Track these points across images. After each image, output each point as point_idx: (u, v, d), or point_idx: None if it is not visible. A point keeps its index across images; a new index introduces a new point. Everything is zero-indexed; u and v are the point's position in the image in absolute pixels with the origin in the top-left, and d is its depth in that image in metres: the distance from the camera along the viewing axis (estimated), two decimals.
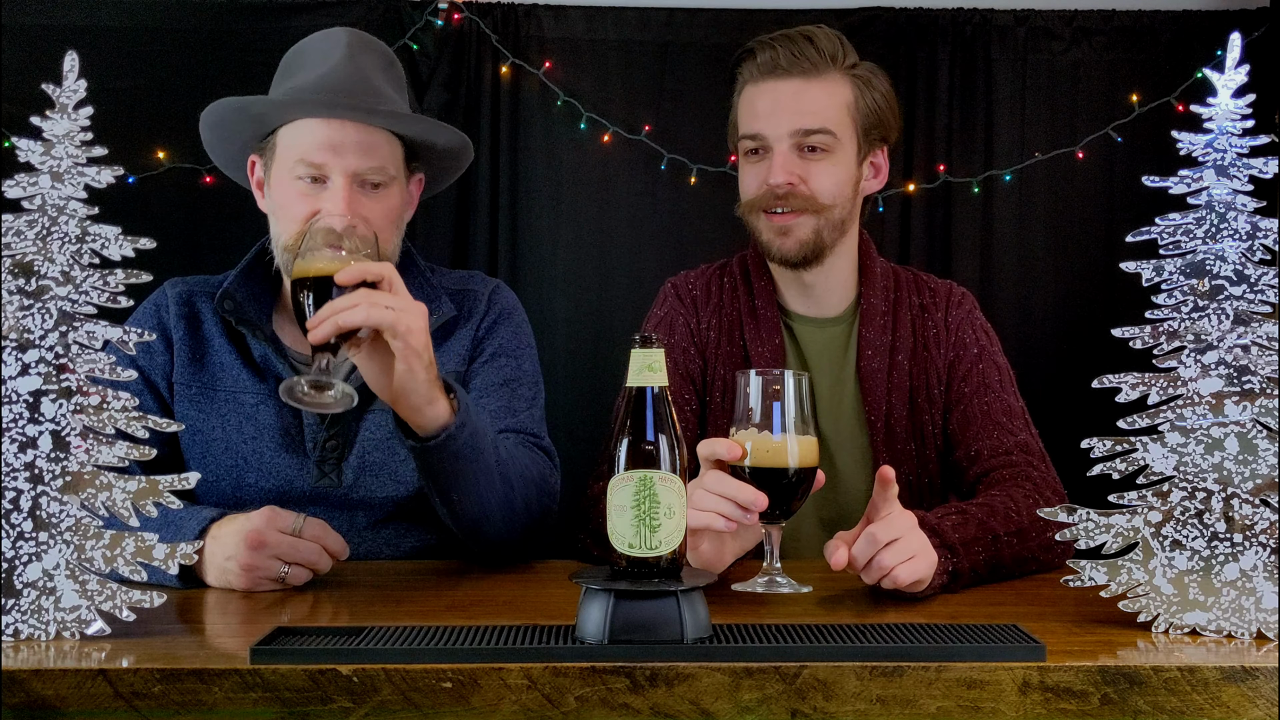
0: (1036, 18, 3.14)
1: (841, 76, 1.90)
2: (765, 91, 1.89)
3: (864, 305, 1.96)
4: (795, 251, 1.89)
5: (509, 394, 1.85)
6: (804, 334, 1.97)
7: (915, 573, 1.41)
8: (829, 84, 1.89)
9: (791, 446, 1.42)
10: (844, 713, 1.11)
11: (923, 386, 1.92)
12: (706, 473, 1.44)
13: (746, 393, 1.44)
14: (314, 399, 1.51)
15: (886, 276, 2.00)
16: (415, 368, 1.53)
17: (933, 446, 1.91)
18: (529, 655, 1.13)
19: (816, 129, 1.87)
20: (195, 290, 1.89)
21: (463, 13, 3.08)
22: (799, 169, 1.87)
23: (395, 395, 1.55)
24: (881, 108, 1.93)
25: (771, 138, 1.88)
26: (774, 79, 1.88)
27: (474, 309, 1.91)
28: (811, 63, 1.87)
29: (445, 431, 1.56)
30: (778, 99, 1.88)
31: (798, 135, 1.87)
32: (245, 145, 1.85)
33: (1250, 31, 2.97)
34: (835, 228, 1.91)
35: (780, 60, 1.87)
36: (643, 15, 3.15)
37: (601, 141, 3.12)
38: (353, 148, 1.73)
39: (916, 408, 1.92)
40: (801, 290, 1.97)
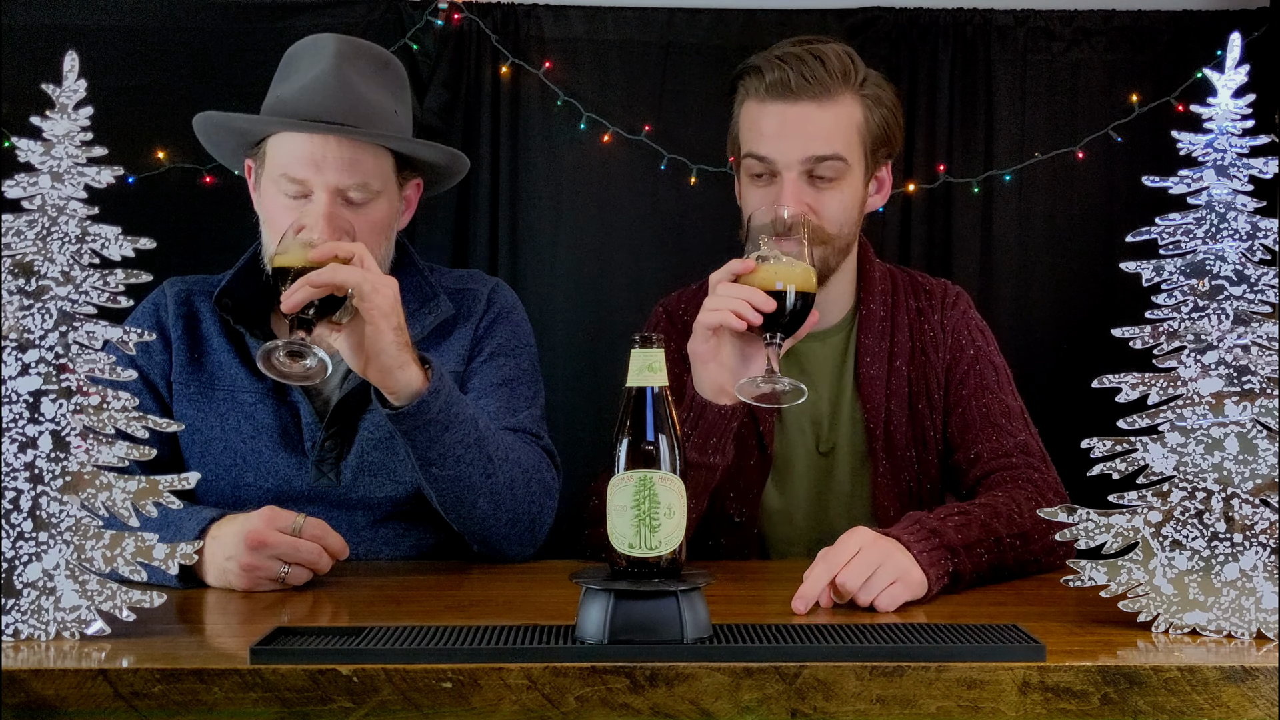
0: (1036, 18, 3.14)
1: (852, 97, 1.82)
2: (772, 113, 1.80)
3: (863, 312, 1.94)
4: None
5: (508, 393, 1.84)
6: (801, 348, 1.93)
7: (896, 599, 1.41)
8: (839, 106, 1.80)
9: (795, 269, 1.61)
10: (844, 713, 1.11)
11: (922, 391, 1.91)
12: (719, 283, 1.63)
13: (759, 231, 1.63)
14: (289, 367, 1.54)
15: (885, 281, 1.97)
16: (383, 328, 1.57)
17: (934, 451, 1.90)
18: (529, 655, 1.13)
19: (828, 155, 1.79)
20: (194, 289, 1.89)
21: (463, 13, 3.08)
22: (810, 198, 1.80)
23: (367, 360, 1.59)
24: (889, 122, 1.87)
25: (780, 164, 1.80)
26: (783, 101, 1.79)
27: (473, 308, 1.90)
28: (823, 86, 1.78)
29: (420, 398, 1.60)
30: (785, 122, 1.79)
31: (808, 162, 1.79)
32: (238, 150, 1.85)
33: (1250, 31, 2.96)
34: (840, 253, 1.88)
35: (791, 83, 1.78)
36: (643, 16, 3.14)
37: (601, 141, 3.12)
38: (335, 164, 1.72)
39: (917, 413, 1.90)
40: None
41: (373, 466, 1.80)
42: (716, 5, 3.12)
